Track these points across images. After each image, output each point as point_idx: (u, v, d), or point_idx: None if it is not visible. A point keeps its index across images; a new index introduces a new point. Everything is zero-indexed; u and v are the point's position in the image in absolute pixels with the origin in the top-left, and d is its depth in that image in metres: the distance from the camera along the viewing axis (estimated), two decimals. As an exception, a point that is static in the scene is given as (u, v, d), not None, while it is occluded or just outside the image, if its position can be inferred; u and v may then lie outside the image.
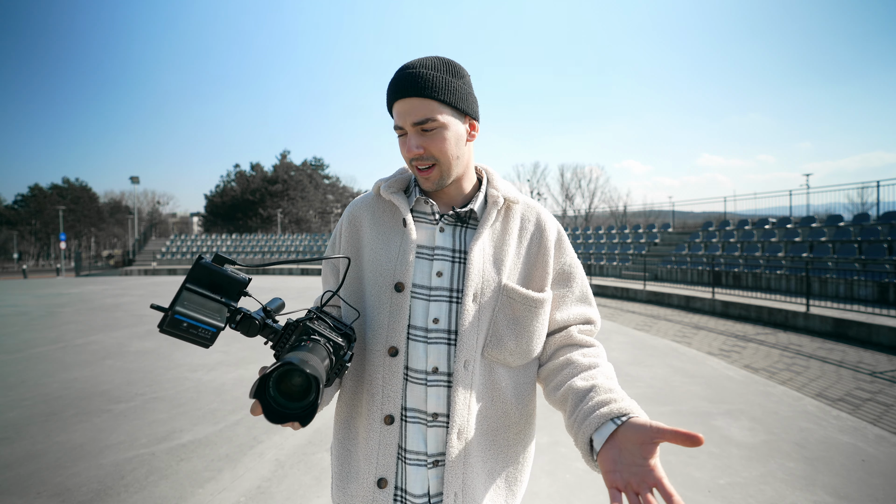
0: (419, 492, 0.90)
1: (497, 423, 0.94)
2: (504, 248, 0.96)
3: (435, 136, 0.88)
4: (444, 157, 0.90)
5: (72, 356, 5.89)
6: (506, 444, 0.96)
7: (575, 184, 46.89)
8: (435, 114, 0.87)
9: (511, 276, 0.95)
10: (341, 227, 1.05)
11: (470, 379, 0.90)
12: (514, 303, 0.93)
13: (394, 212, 0.99)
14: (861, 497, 2.55)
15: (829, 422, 3.60)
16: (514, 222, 0.98)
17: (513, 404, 0.95)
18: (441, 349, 0.91)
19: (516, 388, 0.96)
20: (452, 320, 0.92)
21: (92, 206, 61.40)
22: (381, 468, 0.90)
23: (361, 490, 0.91)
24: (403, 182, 1.02)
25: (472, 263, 0.91)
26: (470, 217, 0.97)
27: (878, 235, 11.28)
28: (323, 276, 1.12)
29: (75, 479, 2.79)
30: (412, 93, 0.87)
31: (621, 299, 12.91)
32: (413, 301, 0.92)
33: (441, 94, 0.88)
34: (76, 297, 13.21)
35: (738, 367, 5.37)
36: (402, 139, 0.91)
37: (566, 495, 2.58)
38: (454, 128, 0.90)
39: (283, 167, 58.66)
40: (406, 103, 0.87)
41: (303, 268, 25.63)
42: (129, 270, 28.17)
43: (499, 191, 0.98)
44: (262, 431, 3.48)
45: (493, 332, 0.92)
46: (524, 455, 0.99)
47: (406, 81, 0.87)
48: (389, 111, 0.93)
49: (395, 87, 0.89)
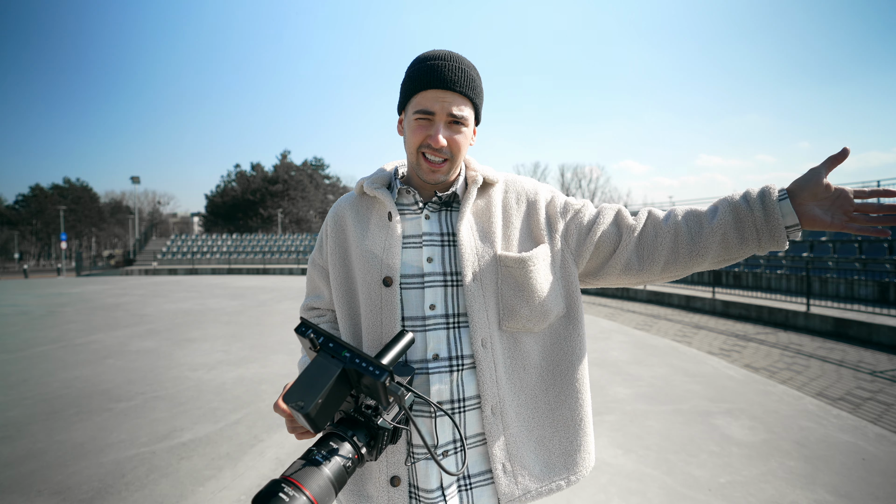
0: (432, 486, 0.88)
1: (534, 389, 0.94)
2: (491, 221, 0.96)
3: (460, 134, 0.90)
4: (458, 156, 0.92)
5: (73, 355, 5.89)
6: (548, 408, 0.95)
7: (575, 184, 46.97)
8: (468, 116, 0.91)
9: (505, 247, 0.94)
10: (326, 228, 1.04)
11: (492, 356, 0.90)
12: (511, 270, 0.92)
13: (378, 207, 0.99)
14: (861, 496, 2.55)
15: (829, 421, 3.59)
16: (497, 195, 0.99)
17: (545, 368, 0.95)
18: (440, 335, 0.91)
19: (544, 350, 0.96)
20: (450, 304, 0.92)
21: (93, 206, 61.44)
22: (393, 467, 0.89)
23: (375, 490, 0.90)
24: (385, 179, 1.02)
25: (463, 243, 0.91)
26: (453, 200, 0.98)
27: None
28: (308, 279, 1.11)
29: (76, 478, 2.79)
30: (458, 88, 0.88)
31: (622, 299, 12.91)
32: (406, 292, 0.92)
33: (478, 99, 0.93)
34: (77, 296, 13.22)
35: (739, 367, 5.37)
36: (421, 123, 0.89)
37: (566, 494, 2.58)
38: (470, 131, 0.94)
39: (283, 167, 58.65)
40: (449, 95, 0.88)
41: (303, 267, 25.64)
42: (129, 270, 28.18)
43: (477, 171, 0.98)
44: (263, 430, 3.48)
45: (504, 304, 0.92)
46: (579, 417, 0.96)
47: (457, 74, 0.88)
48: (412, 92, 0.90)
49: (440, 75, 0.87)
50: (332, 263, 1.01)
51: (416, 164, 0.93)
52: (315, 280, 1.09)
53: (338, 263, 1.00)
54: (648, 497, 2.55)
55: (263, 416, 3.75)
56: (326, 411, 0.67)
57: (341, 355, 0.68)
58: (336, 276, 1.00)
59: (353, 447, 0.68)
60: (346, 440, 0.68)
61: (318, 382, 0.66)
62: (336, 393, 0.68)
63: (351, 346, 0.70)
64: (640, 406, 3.94)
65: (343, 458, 0.66)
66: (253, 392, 4.36)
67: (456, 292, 0.92)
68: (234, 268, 27.03)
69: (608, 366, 5.18)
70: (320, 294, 1.09)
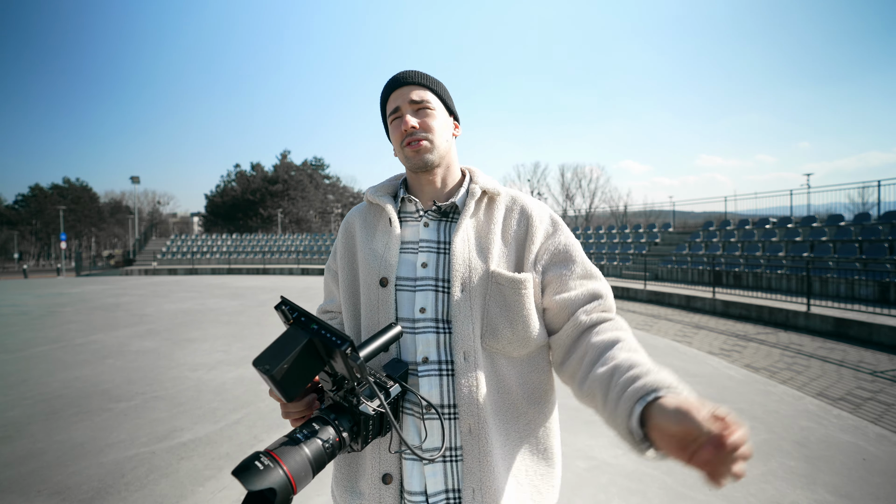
0: (416, 488, 0.88)
1: (507, 415, 0.93)
2: (489, 237, 0.96)
3: (428, 116, 0.98)
4: (435, 135, 0.98)
5: (72, 355, 5.89)
6: (518, 437, 0.93)
7: (575, 184, 46.91)
8: (430, 100, 1.00)
9: (500, 265, 0.94)
10: (339, 236, 1.12)
11: (473, 371, 0.89)
12: (502, 287, 0.92)
13: (381, 213, 1.06)
14: (862, 496, 2.55)
15: (829, 421, 3.59)
16: (499, 212, 1.00)
17: (520, 395, 0.94)
18: (430, 338, 0.91)
19: (521, 377, 0.95)
20: (440, 309, 0.93)
21: (92, 206, 61.46)
22: (385, 464, 0.90)
23: (367, 487, 0.91)
24: (391, 187, 1.08)
25: (456, 253, 0.93)
26: (452, 211, 1.01)
27: (879, 235, 11.26)
28: (324, 284, 1.19)
29: (76, 478, 2.79)
30: (411, 81, 1.00)
31: (622, 299, 12.90)
32: (399, 294, 0.95)
33: (435, 87, 1.02)
34: (77, 296, 13.22)
35: (739, 367, 5.36)
36: (396, 122, 1.00)
37: (567, 494, 2.58)
38: (443, 116, 1.02)
39: (283, 167, 58.65)
40: (406, 88, 0.99)
41: (303, 267, 25.64)
42: (129, 270, 28.17)
43: (478, 184, 1.01)
44: (263, 430, 3.48)
45: (488, 321, 0.92)
46: (546, 448, 0.96)
47: (407, 73, 1.01)
48: (383, 108, 1.04)
49: (395, 79, 1.01)
50: (341, 267, 1.07)
51: (405, 160, 1.00)
52: (329, 285, 1.15)
53: (346, 266, 1.06)
54: (648, 497, 2.55)
55: (263, 416, 3.75)
56: (294, 379, 0.70)
57: (310, 328, 0.71)
58: (344, 278, 1.05)
59: (335, 430, 0.70)
60: (329, 423, 0.71)
61: (285, 349, 0.69)
62: (305, 362, 0.70)
63: (322, 321, 0.73)
64: (641, 406, 3.93)
65: (322, 441, 0.68)
66: (253, 392, 4.36)
67: (446, 298, 0.93)
68: (234, 268, 27.03)
69: (608, 366, 5.17)
70: (333, 298, 1.15)
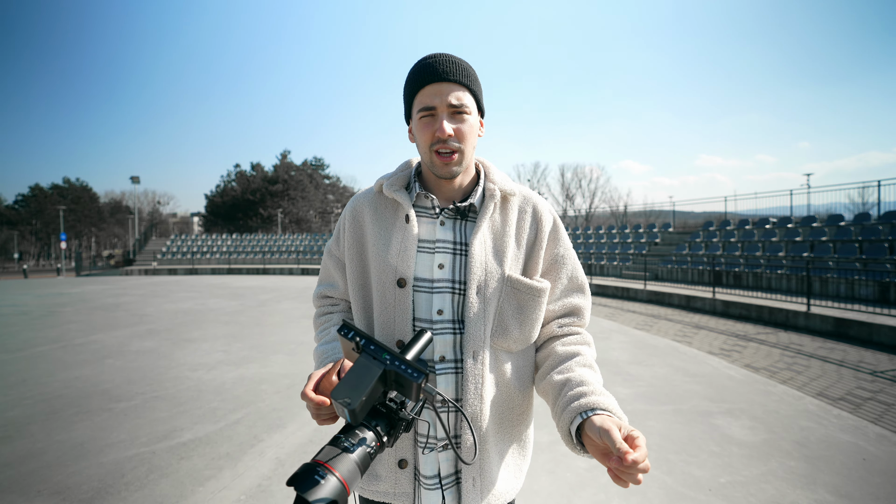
0: (430, 473, 0.94)
1: (503, 406, 0.98)
2: (504, 240, 0.98)
3: (464, 123, 0.93)
4: (467, 146, 0.94)
5: (72, 355, 5.89)
6: (510, 426, 1.00)
7: (575, 184, 46.92)
8: (468, 104, 0.93)
9: (513, 267, 0.97)
10: (344, 222, 1.06)
11: (480, 369, 0.93)
12: (518, 293, 0.96)
13: (396, 208, 1.01)
14: (862, 496, 2.55)
15: (829, 421, 3.59)
16: (513, 213, 1.00)
17: (515, 387, 0.99)
18: (447, 339, 0.94)
19: (517, 370, 0.99)
20: (457, 311, 0.95)
21: (92, 206, 61.42)
22: (401, 451, 0.95)
23: (385, 471, 0.96)
24: (404, 179, 1.04)
25: (474, 256, 0.94)
26: (469, 210, 1.00)
27: (879, 235, 11.25)
28: (323, 267, 1.14)
29: (76, 478, 2.79)
30: (453, 78, 0.91)
31: (622, 299, 12.90)
32: (416, 295, 0.95)
33: (475, 86, 0.95)
34: (77, 296, 13.22)
35: (739, 367, 5.36)
36: (425, 121, 0.93)
37: (567, 493, 2.58)
38: (475, 120, 0.96)
39: (283, 167, 58.61)
40: (445, 86, 0.91)
41: (303, 267, 25.63)
42: (129, 270, 28.16)
43: (496, 183, 1.00)
44: (263, 430, 3.48)
45: (499, 322, 0.95)
46: (527, 433, 1.04)
47: (449, 66, 0.92)
48: (411, 95, 0.95)
49: (434, 70, 0.91)
50: (349, 258, 1.04)
51: (430, 163, 0.95)
52: (330, 269, 1.12)
53: (354, 259, 1.03)
54: (648, 497, 2.55)
55: (263, 416, 3.75)
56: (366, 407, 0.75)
57: (382, 357, 0.75)
58: (352, 271, 1.03)
59: (376, 435, 0.75)
60: (370, 429, 0.75)
61: (362, 382, 0.73)
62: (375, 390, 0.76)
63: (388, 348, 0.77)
64: (641, 406, 3.94)
65: (367, 446, 0.73)
66: (253, 392, 4.36)
67: (462, 300, 0.95)
68: (234, 268, 27.02)
69: (608, 366, 5.18)
70: (334, 283, 1.12)
